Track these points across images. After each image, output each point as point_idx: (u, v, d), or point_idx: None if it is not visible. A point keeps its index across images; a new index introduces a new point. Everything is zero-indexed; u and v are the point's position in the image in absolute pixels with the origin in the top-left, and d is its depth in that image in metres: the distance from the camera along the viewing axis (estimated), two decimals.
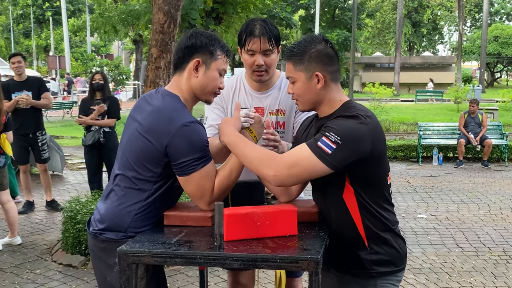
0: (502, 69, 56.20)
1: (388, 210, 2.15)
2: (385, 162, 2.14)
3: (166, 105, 2.16)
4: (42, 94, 6.64)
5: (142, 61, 30.45)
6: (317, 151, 1.95)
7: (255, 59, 2.62)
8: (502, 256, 5.31)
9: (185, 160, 2.09)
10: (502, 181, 9.15)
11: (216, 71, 2.23)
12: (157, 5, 5.59)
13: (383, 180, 2.13)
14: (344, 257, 2.16)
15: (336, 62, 2.14)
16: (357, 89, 40.00)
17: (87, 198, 5.50)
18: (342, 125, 1.98)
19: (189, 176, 2.12)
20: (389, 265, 2.13)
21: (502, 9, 58.82)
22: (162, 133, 2.09)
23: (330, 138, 1.95)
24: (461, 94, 24.44)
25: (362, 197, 2.08)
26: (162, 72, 5.63)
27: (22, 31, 55.96)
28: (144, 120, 2.16)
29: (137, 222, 2.16)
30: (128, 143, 2.21)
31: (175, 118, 2.10)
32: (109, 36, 12.79)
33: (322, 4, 39.14)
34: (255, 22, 2.63)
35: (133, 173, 2.17)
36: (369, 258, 2.11)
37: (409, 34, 55.41)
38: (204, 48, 2.20)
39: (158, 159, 2.12)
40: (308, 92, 2.12)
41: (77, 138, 14.53)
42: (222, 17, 9.87)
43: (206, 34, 2.24)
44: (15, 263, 5.10)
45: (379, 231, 2.11)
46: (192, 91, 2.24)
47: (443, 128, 11.69)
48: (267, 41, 2.59)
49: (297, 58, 2.11)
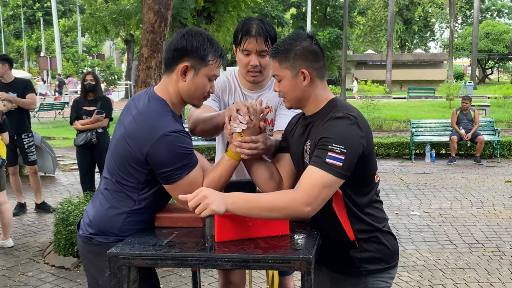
0: (493, 66, 56.46)
1: (376, 208, 2.16)
2: (374, 159, 2.14)
3: (150, 110, 2.09)
4: (27, 95, 6.56)
5: (134, 61, 30.35)
6: (330, 169, 1.92)
7: (250, 59, 2.57)
8: (495, 252, 5.33)
9: (168, 170, 2.04)
10: (494, 177, 9.19)
11: (205, 77, 2.14)
12: (148, 4, 5.56)
13: (372, 177, 2.13)
14: (334, 256, 2.16)
15: (321, 59, 2.13)
16: (349, 87, 40.04)
17: (79, 200, 5.47)
18: (338, 132, 1.96)
19: (174, 185, 2.08)
20: (380, 262, 2.13)
21: (493, 5, 59.10)
22: (143, 140, 2.03)
23: (335, 151, 1.93)
24: (453, 91, 24.53)
25: (352, 201, 2.07)
26: (153, 72, 5.60)
27: (12, 32, 55.63)
28: (128, 124, 2.11)
29: (128, 225, 2.13)
30: (115, 148, 2.16)
31: (157, 126, 2.02)
32: (100, 36, 12.73)
33: (313, 2, 39.14)
34: (252, 21, 2.57)
35: (119, 179, 2.13)
36: (359, 256, 2.11)
37: (400, 31, 55.57)
38: (194, 53, 2.09)
39: (140, 166, 2.07)
40: (294, 89, 2.10)
41: (69, 139, 14.45)
42: (213, 16, 9.84)
43: (198, 36, 2.12)
44: (7, 265, 5.06)
45: (367, 232, 2.11)
46: (179, 95, 2.16)
47: (435, 125, 11.72)
48: (264, 42, 2.54)
49: (283, 56, 2.08)
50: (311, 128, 2.11)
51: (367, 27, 58.05)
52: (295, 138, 2.23)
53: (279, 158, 2.32)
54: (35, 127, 17.03)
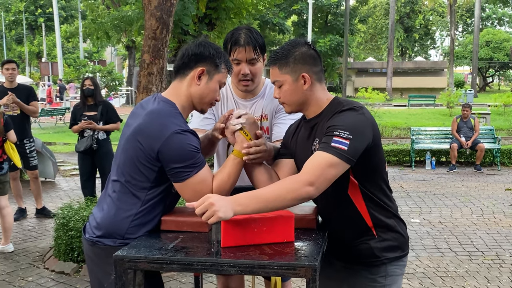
0: (494, 74, 56.52)
1: (389, 197, 2.24)
2: (381, 150, 2.21)
3: (161, 109, 2.16)
4: (30, 102, 6.59)
5: (135, 67, 30.40)
6: (334, 152, 1.97)
7: (241, 68, 2.63)
8: (495, 260, 5.33)
9: (177, 167, 2.09)
10: (494, 185, 9.19)
11: (217, 83, 2.25)
12: (150, 11, 5.59)
13: (382, 168, 2.20)
14: (352, 249, 2.21)
15: (319, 63, 2.20)
16: (350, 94, 40.12)
17: (79, 205, 5.46)
18: (346, 120, 2.03)
19: (184, 183, 2.12)
20: (397, 250, 2.22)
21: (493, 14, 59.24)
22: (154, 138, 2.09)
23: (341, 136, 1.99)
24: (453, 98, 24.56)
25: (367, 188, 2.14)
26: (154, 78, 5.62)
27: (14, 38, 55.80)
28: (139, 123, 2.16)
29: (135, 228, 2.16)
30: (124, 149, 2.21)
31: (168, 124, 2.10)
32: (101, 42, 12.81)
33: (314, 9, 39.27)
34: (239, 31, 2.63)
35: (128, 179, 2.16)
36: (379, 246, 2.18)
37: (401, 39, 55.72)
38: (211, 59, 2.22)
39: (151, 163, 2.12)
40: (295, 93, 2.16)
41: (69, 145, 14.47)
42: (214, 23, 9.88)
43: (214, 46, 2.26)
44: (7, 270, 5.06)
45: (385, 218, 2.19)
46: (190, 99, 2.24)
47: (435, 133, 11.74)
48: (253, 50, 2.60)
49: (283, 62, 2.15)
50: (317, 128, 2.16)
51: (368, 34, 58.23)
52: (300, 143, 2.26)
53: (278, 163, 2.36)
54: (36, 132, 17.04)
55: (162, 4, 5.56)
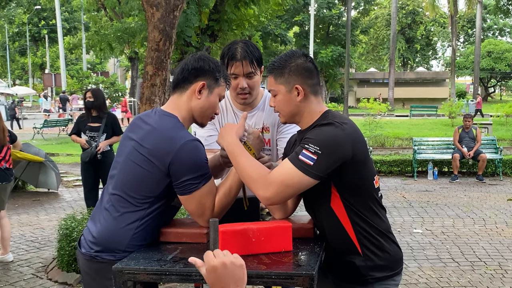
0: (495, 84, 56.59)
1: (378, 214, 2.17)
2: (369, 166, 2.16)
3: (165, 125, 2.16)
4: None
5: (138, 78, 30.51)
6: (299, 165, 1.99)
7: (238, 82, 2.66)
8: (497, 271, 5.32)
9: (187, 179, 2.09)
10: (496, 195, 9.18)
11: (217, 97, 2.28)
12: (153, 23, 5.64)
13: (370, 184, 2.15)
14: (340, 266, 2.19)
15: (315, 76, 2.20)
16: (352, 105, 40.15)
17: (82, 216, 5.47)
18: (319, 134, 2.03)
19: (190, 195, 2.12)
20: (385, 269, 2.16)
21: (494, 24, 59.41)
22: (165, 153, 2.09)
23: (309, 150, 1.99)
24: (455, 109, 24.58)
25: (350, 203, 2.11)
26: (157, 90, 5.66)
27: (18, 49, 56.12)
28: (143, 140, 2.15)
29: (135, 241, 2.14)
30: (127, 163, 2.19)
31: (175, 137, 2.11)
32: (104, 54, 12.86)
33: (316, 21, 39.43)
34: (236, 45, 2.65)
35: (131, 194, 2.15)
36: (364, 264, 2.13)
37: (403, 50, 55.88)
38: (211, 73, 2.24)
39: (161, 180, 2.12)
40: (288, 104, 2.18)
41: (72, 155, 14.50)
42: (217, 35, 9.92)
43: (214, 60, 2.28)
44: (10, 281, 5.07)
45: (370, 236, 2.13)
46: (191, 112, 2.25)
47: (437, 143, 11.75)
48: (249, 64, 2.62)
49: (278, 72, 2.18)
50: None
51: (370, 45, 58.38)
52: None
53: None
54: (39, 143, 17.10)
55: (165, 17, 5.61)
